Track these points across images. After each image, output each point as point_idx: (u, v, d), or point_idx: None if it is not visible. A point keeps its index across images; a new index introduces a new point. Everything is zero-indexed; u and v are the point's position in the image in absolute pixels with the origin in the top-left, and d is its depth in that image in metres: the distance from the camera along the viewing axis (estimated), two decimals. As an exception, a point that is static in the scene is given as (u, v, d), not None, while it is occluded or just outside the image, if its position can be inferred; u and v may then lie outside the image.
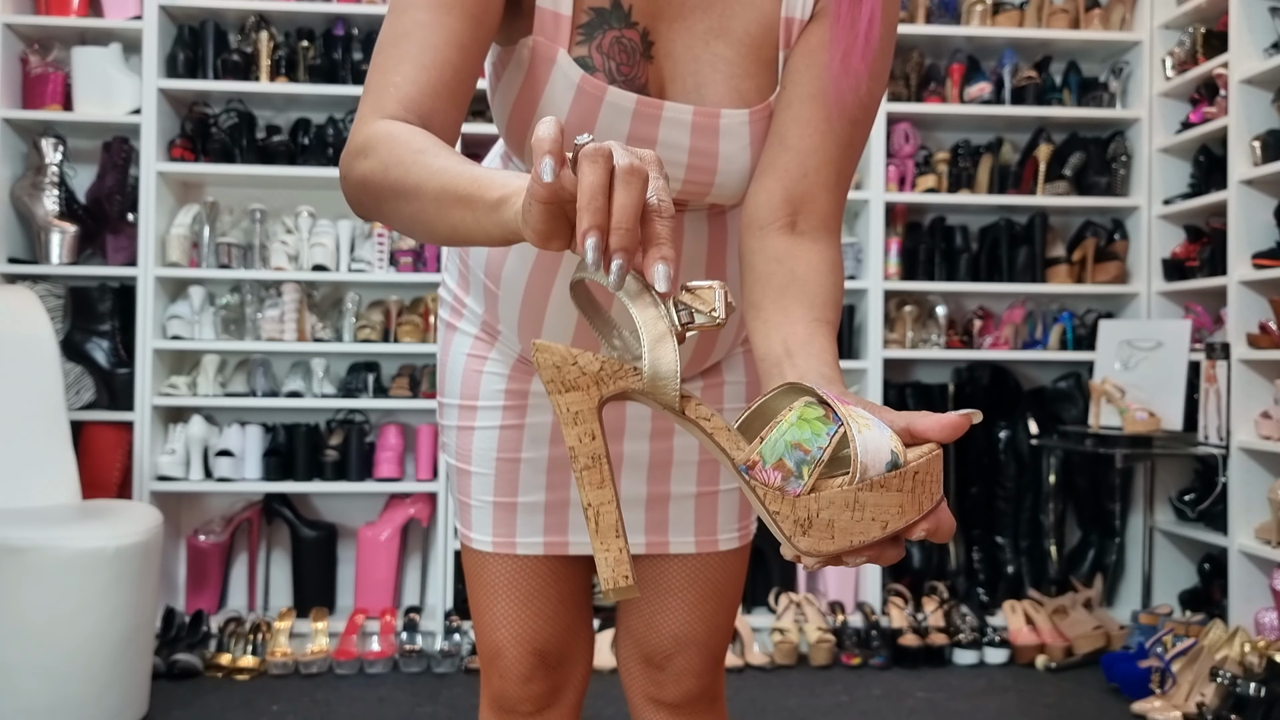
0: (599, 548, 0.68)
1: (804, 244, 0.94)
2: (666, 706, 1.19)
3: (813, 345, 0.84)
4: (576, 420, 0.69)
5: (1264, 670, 2.52)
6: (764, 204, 0.95)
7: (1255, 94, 3.07)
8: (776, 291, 0.90)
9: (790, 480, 0.66)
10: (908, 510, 0.67)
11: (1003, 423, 3.54)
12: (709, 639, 1.18)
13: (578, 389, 0.68)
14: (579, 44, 0.95)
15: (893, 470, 0.66)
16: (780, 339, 0.85)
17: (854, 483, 0.66)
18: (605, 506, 0.68)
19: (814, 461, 0.66)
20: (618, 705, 2.69)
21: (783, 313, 0.88)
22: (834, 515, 0.66)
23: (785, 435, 0.67)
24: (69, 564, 2.32)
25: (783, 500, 0.67)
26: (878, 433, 0.67)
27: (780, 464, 0.67)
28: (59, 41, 3.34)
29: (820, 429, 0.67)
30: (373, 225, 3.36)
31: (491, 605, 1.16)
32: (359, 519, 3.45)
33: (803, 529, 0.67)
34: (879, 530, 0.66)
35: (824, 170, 0.95)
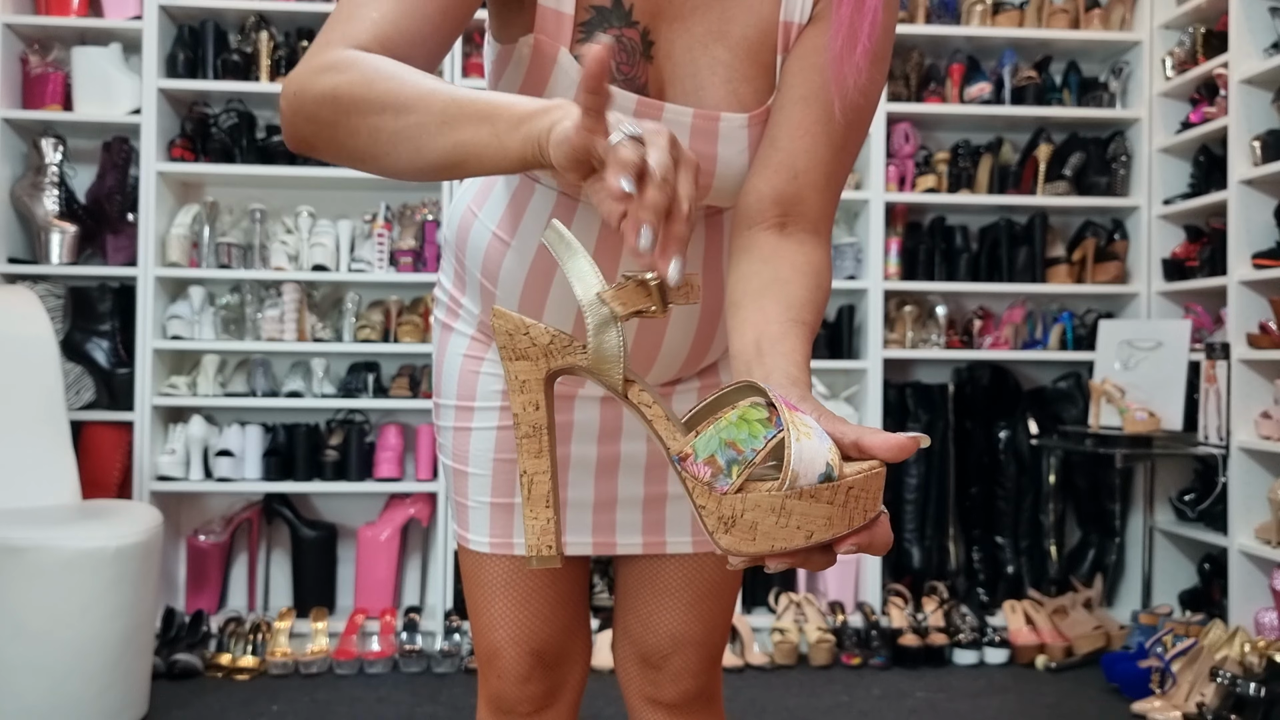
0: (528, 514, 0.71)
1: (790, 245, 0.93)
2: (663, 706, 1.19)
3: (783, 344, 0.83)
4: (523, 389, 0.71)
5: (1264, 670, 2.52)
6: (753, 203, 0.95)
7: (1255, 94, 3.07)
8: (756, 291, 0.89)
9: (719, 477, 0.67)
10: (836, 523, 0.67)
11: (1003, 423, 3.54)
12: (706, 639, 1.18)
13: (527, 359, 0.71)
14: (580, 42, 0.95)
15: (825, 482, 0.66)
16: (753, 337, 0.84)
17: (783, 489, 0.66)
18: (540, 476, 0.71)
19: (745, 462, 0.67)
20: (616, 705, 2.69)
21: (759, 311, 0.87)
22: (758, 518, 0.66)
23: (722, 432, 0.68)
24: (69, 564, 2.32)
25: (709, 496, 0.67)
26: (817, 443, 0.67)
27: (712, 460, 0.67)
28: (59, 41, 3.34)
29: (759, 431, 0.68)
30: (373, 225, 3.36)
31: (489, 606, 1.15)
32: (359, 519, 3.45)
33: (725, 527, 0.67)
34: (803, 539, 0.66)
35: (814, 172, 0.95)
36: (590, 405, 1.11)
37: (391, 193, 3.48)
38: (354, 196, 3.49)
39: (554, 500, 0.71)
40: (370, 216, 3.40)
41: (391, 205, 3.43)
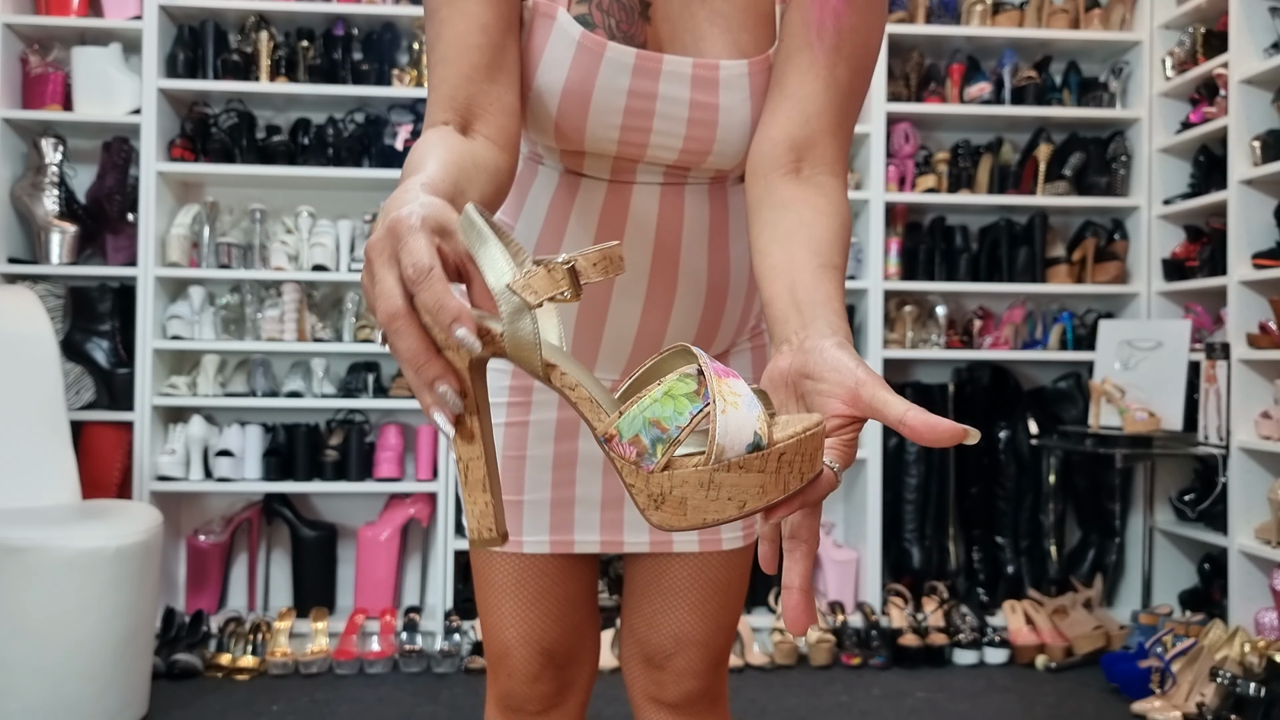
0: (466, 499, 0.71)
1: (809, 188, 0.93)
2: (667, 706, 1.18)
3: (819, 292, 0.82)
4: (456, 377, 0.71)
5: (1264, 670, 2.52)
6: (767, 152, 0.95)
7: (1255, 94, 3.07)
8: (783, 237, 0.89)
9: (645, 457, 0.67)
10: (770, 490, 0.66)
11: (1003, 423, 3.54)
12: (711, 639, 1.17)
13: (450, 348, 0.70)
14: (578, 2, 0.96)
15: (754, 451, 0.66)
16: (786, 286, 0.84)
17: (709, 464, 0.66)
18: (474, 461, 0.71)
19: (669, 440, 0.66)
20: (618, 705, 2.69)
21: (788, 258, 0.86)
22: (687, 493, 0.66)
23: (646, 411, 0.67)
24: (69, 564, 2.32)
25: (637, 474, 0.67)
26: (744, 412, 0.66)
27: (636, 440, 0.67)
28: (59, 41, 3.34)
29: (684, 406, 0.67)
30: (372, 225, 3.35)
31: (499, 605, 1.15)
32: (359, 519, 3.45)
33: (655, 504, 0.67)
34: (735, 510, 0.66)
35: (826, 115, 0.95)
36: None
37: (391, 192, 3.47)
38: (354, 196, 3.49)
39: (490, 484, 0.71)
40: (370, 216, 3.40)
41: (391, 205, 3.43)
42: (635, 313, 1.06)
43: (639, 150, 1.01)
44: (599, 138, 1.00)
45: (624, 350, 1.08)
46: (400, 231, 0.66)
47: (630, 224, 1.05)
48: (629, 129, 0.99)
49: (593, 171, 1.04)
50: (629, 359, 1.09)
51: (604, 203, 1.04)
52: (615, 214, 1.04)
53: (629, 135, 1.00)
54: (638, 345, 1.08)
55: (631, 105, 0.98)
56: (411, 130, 3.37)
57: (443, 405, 0.67)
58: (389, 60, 3.42)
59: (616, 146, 1.00)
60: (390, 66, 3.40)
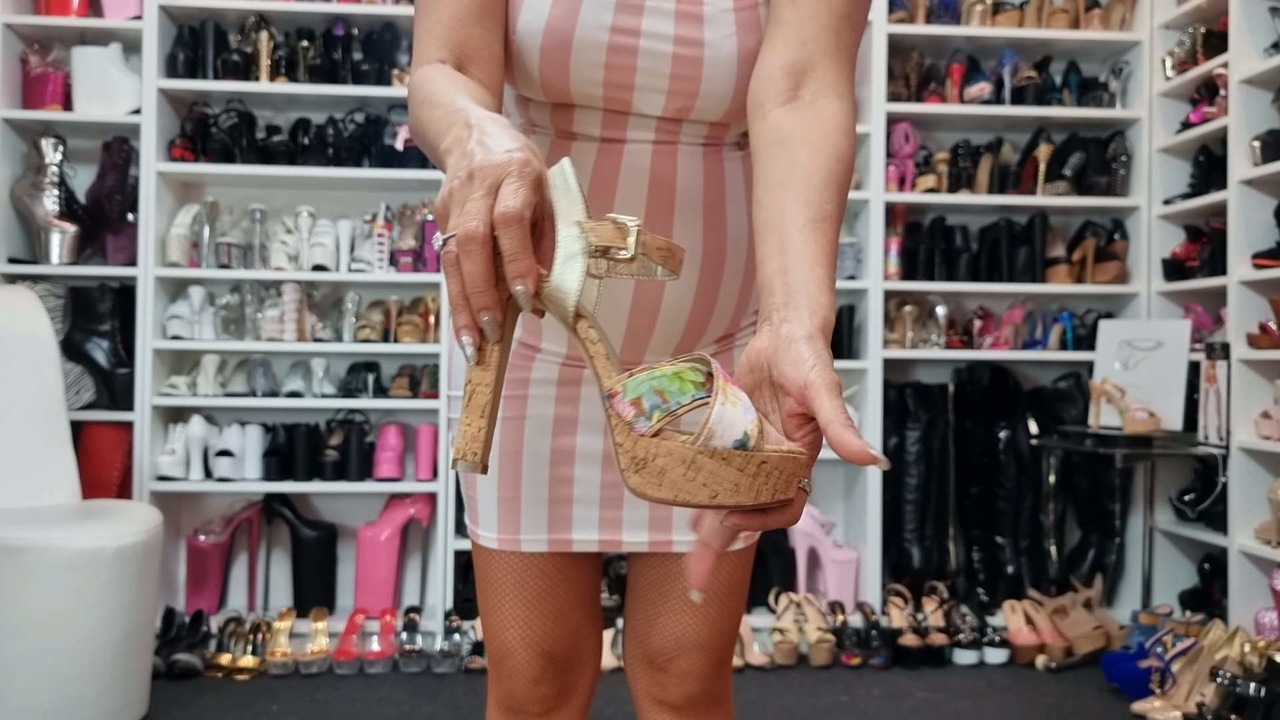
0: (463, 419, 0.74)
1: (806, 115, 0.90)
2: (670, 708, 1.18)
3: (804, 256, 0.80)
4: None
5: (1264, 670, 2.52)
6: (764, 81, 0.93)
7: (1255, 94, 3.07)
8: (776, 185, 0.86)
9: (639, 419, 0.70)
10: (743, 492, 0.69)
11: (1003, 423, 3.54)
12: (712, 641, 1.16)
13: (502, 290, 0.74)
14: None
15: (740, 449, 0.68)
16: (776, 247, 0.82)
17: (696, 443, 0.68)
18: (482, 387, 0.74)
19: (666, 410, 0.70)
20: (620, 705, 2.69)
21: (780, 211, 0.84)
22: (668, 465, 0.69)
23: (654, 380, 0.71)
24: (69, 564, 2.32)
25: (628, 435, 0.70)
26: (740, 412, 0.69)
27: (637, 401, 0.70)
28: (59, 41, 3.34)
29: (689, 389, 0.70)
30: (372, 225, 3.36)
31: (500, 605, 1.15)
32: (359, 519, 3.45)
33: (636, 467, 0.69)
34: (706, 497, 0.69)
35: (823, 37, 0.93)
36: (596, 397, 1.10)
37: (391, 193, 3.48)
38: (354, 197, 3.49)
39: (490, 414, 0.74)
40: (370, 216, 3.40)
41: (391, 205, 3.43)
42: (628, 282, 1.05)
43: (625, 93, 1.00)
44: (583, 78, 0.99)
45: (620, 318, 1.06)
46: (512, 170, 0.70)
47: (622, 186, 1.03)
48: (613, 68, 0.99)
49: (583, 129, 1.03)
50: (625, 330, 1.07)
51: (595, 165, 1.03)
52: (607, 177, 1.03)
53: (614, 76, 0.99)
54: (633, 316, 1.06)
55: (615, 42, 0.98)
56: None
57: (475, 331, 0.71)
58: (389, 60, 3.42)
59: (603, 88, 0.99)
60: (390, 66, 3.40)
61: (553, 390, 1.11)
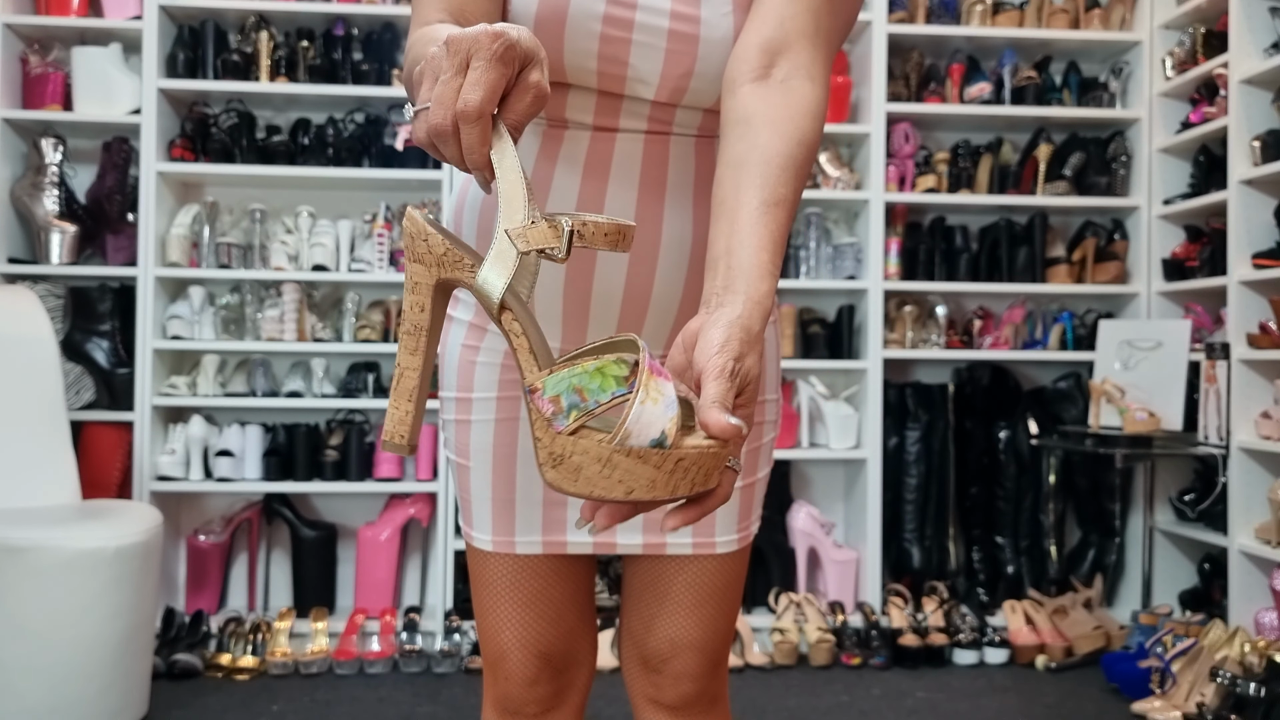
0: (391, 403, 0.77)
1: (777, 92, 0.90)
2: (666, 708, 1.18)
3: (750, 241, 0.81)
4: (414, 290, 0.77)
5: (1264, 670, 2.52)
6: (739, 57, 0.92)
7: (1255, 94, 3.07)
8: (735, 165, 0.86)
9: (558, 417, 0.71)
10: (659, 488, 0.70)
11: (1003, 423, 3.54)
12: (707, 643, 1.16)
13: (422, 263, 0.76)
14: None
15: (656, 448, 0.70)
16: (726, 228, 0.83)
17: (611, 443, 0.70)
18: (409, 371, 0.77)
19: (584, 410, 0.71)
20: (617, 705, 2.69)
21: (735, 192, 0.84)
22: (584, 463, 0.70)
23: (575, 378, 0.72)
24: (69, 564, 2.32)
25: (546, 431, 0.72)
26: (661, 409, 0.70)
27: (556, 399, 0.72)
28: (59, 41, 3.34)
29: (610, 386, 0.72)
30: (372, 225, 3.37)
31: (495, 607, 1.15)
32: (359, 519, 3.45)
33: (554, 463, 0.71)
34: (621, 493, 0.70)
35: (801, 18, 0.93)
36: None
37: (391, 193, 3.48)
38: (354, 197, 3.49)
39: (419, 399, 0.77)
40: (370, 216, 3.40)
41: (391, 205, 3.43)
42: (621, 271, 1.04)
43: (619, 70, 1.00)
44: (578, 49, 0.99)
45: (613, 310, 1.06)
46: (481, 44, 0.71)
47: (614, 175, 1.03)
48: (608, 40, 0.98)
49: (576, 115, 1.03)
50: (619, 319, 1.07)
51: (587, 155, 1.03)
52: (599, 165, 1.03)
53: (608, 50, 0.99)
54: (625, 305, 1.06)
55: (611, 14, 0.98)
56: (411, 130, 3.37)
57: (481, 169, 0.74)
58: (389, 60, 3.42)
59: (597, 61, 0.99)
60: (390, 66, 3.40)
61: None
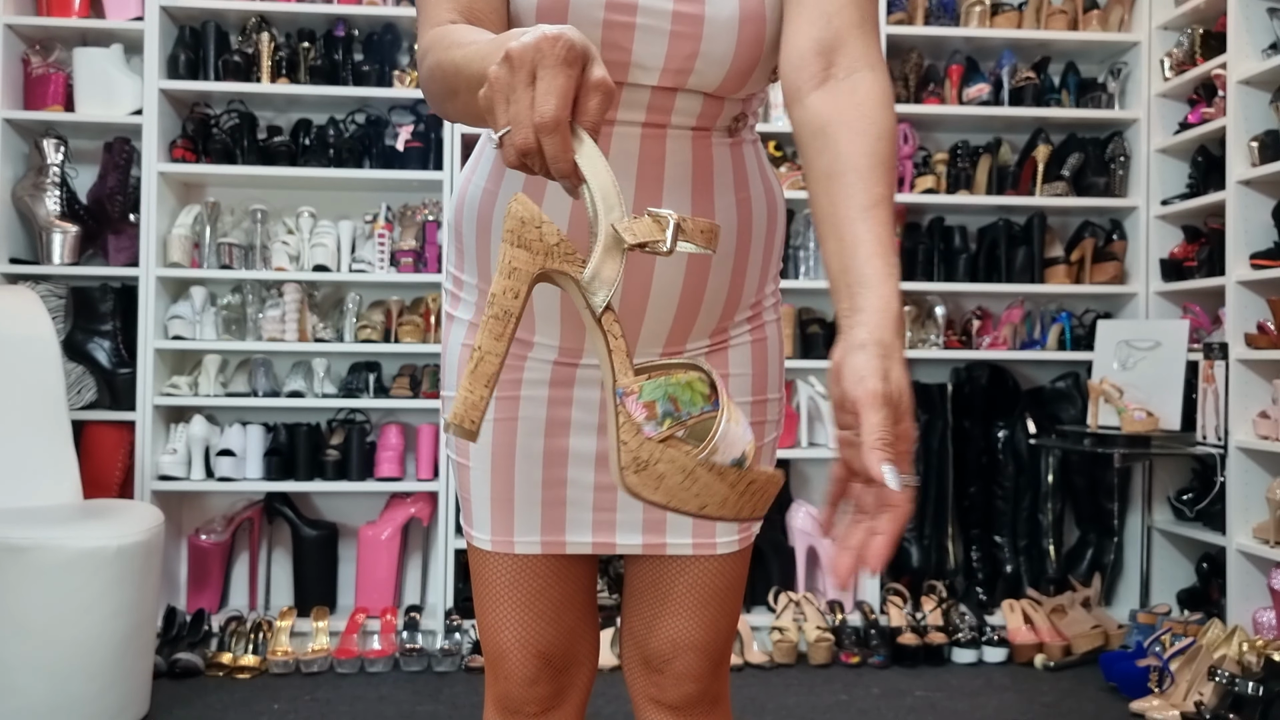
0: (465, 386, 0.73)
1: (843, 92, 0.92)
2: (667, 708, 1.18)
3: (862, 250, 0.83)
4: (511, 275, 0.73)
5: (1262, 669, 2.53)
6: (795, 62, 0.95)
7: (1253, 95, 3.08)
8: (824, 178, 0.88)
9: (650, 422, 0.71)
10: (728, 507, 0.71)
11: (1001, 422, 3.55)
12: (709, 644, 1.16)
13: (528, 250, 0.73)
14: None
15: (736, 466, 0.71)
16: (836, 247, 0.85)
17: (701, 455, 0.71)
18: (491, 356, 0.74)
19: (677, 419, 0.72)
20: (617, 704, 2.70)
21: (832, 208, 0.87)
22: (667, 471, 0.71)
23: (670, 387, 0.72)
24: (70, 563, 2.33)
25: (635, 435, 0.71)
26: (742, 430, 0.72)
27: (651, 405, 0.72)
28: (60, 42, 3.35)
29: (700, 401, 0.73)
30: (373, 226, 3.37)
31: (495, 607, 1.14)
32: (360, 518, 3.46)
33: (637, 468, 0.71)
34: (695, 507, 0.71)
35: (847, 10, 0.95)
36: (589, 397, 1.10)
37: (392, 193, 3.49)
38: (355, 197, 3.50)
39: (493, 385, 0.75)
40: (371, 217, 3.41)
41: (392, 206, 3.44)
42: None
43: (623, 57, 0.99)
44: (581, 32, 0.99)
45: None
46: (544, 51, 0.71)
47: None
48: (612, 25, 0.98)
49: None
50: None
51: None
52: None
53: (611, 35, 0.98)
54: (624, 304, 1.05)
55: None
56: (412, 131, 3.38)
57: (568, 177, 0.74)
58: (390, 61, 3.43)
59: (600, 50, 0.96)
60: (391, 68, 3.41)
61: (545, 391, 1.10)
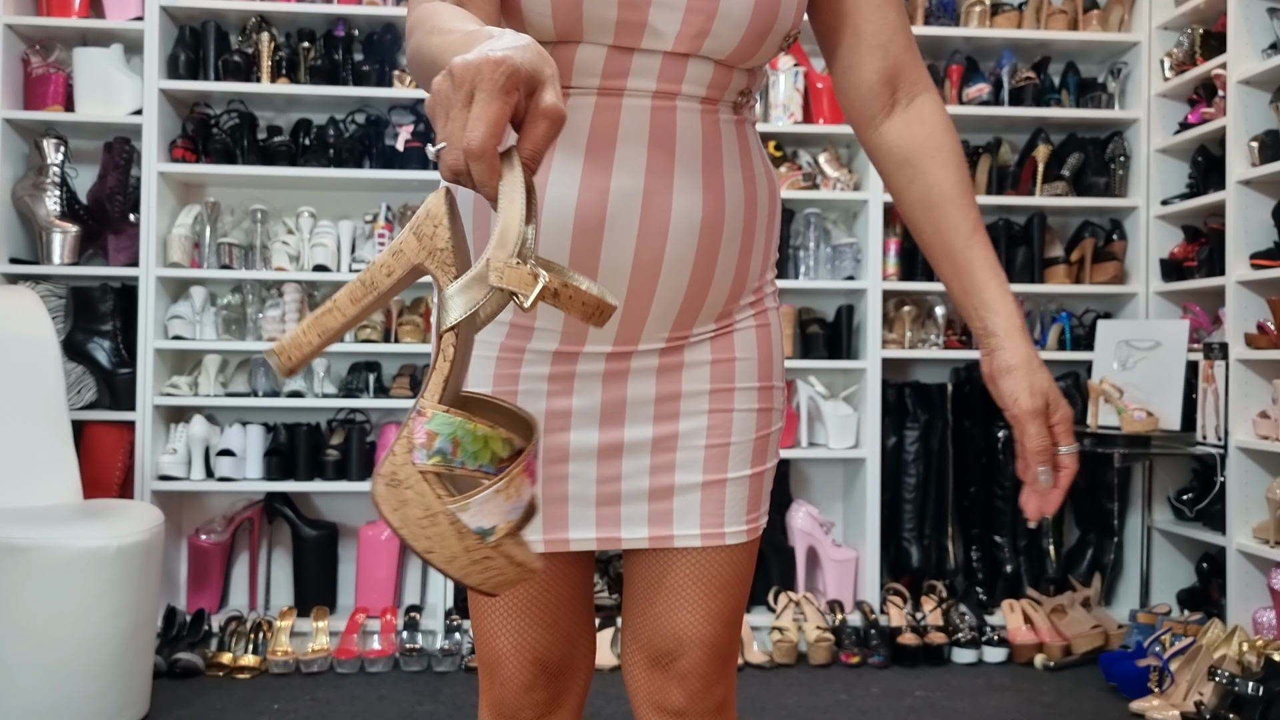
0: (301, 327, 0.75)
1: (913, 119, 1.07)
2: (671, 713, 1.13)
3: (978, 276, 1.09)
4: (394, 255, 0.75)
5: (1262, 669, 2.53)
6: (865, 94, 1.08)
7: (1253, 95, 3.08)
8: (922, 206, 1.06)
9: (421, 450, 0.71)
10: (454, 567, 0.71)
11: (1001, 422, 3.55)
12: (716, 638, 1.12)
13: (419, 239, 0.75)
14: None
15: (479, 534, 0.70)
16: (950, 270, 1.08)
17: (446, 507, 0.70)
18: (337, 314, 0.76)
19: (447, 463, 0.71)
20: (617, 704, 2.70)
21: (938, 235, 1.07)
22: (413, 499, 0.70)
23: (463, 430, 0.71)
24: (70, 563, 2.33)
25: (405, 451, 0.71)
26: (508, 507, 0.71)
27: (432, 436, 0.71)
28: (60, 42, 3.35)
29: (484, 458, 0.72)
30: (373, 226, 3.37)
31: (490, 612, 1.12)
32: (360, 518, 3.46)
33: (390, 481, 0.71)
34: (423, 548, 0.71)
35: (900, 36, 1.08)
36: (591, 388, 1.07)
37: (392, 193, 3.49)
38: (355, 197, 3.50)
39: (327, 338, 0.75)
40: (371, 217, 3.41)
41: (392, 206, 3.44)
42: (630, 244, 1.02)
43: (639, 17, 0.98)
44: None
45: (621, 284, 1.03)
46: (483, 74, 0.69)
47: (621, 143, 1.01)
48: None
49: (582, 79, 1.01)
50: (627, 293, 1.04)
51: (592, 126, 1.01)
52: (606, 132, 1.01)
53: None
54: (634, 279, 1.03)
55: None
56: (412, 131, 3.38)
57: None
58: (390, 61, 3.43)
59: (618, 10, 0.97)
60: (391, 68, 3.41)
61: (544, 385, 1.07)
